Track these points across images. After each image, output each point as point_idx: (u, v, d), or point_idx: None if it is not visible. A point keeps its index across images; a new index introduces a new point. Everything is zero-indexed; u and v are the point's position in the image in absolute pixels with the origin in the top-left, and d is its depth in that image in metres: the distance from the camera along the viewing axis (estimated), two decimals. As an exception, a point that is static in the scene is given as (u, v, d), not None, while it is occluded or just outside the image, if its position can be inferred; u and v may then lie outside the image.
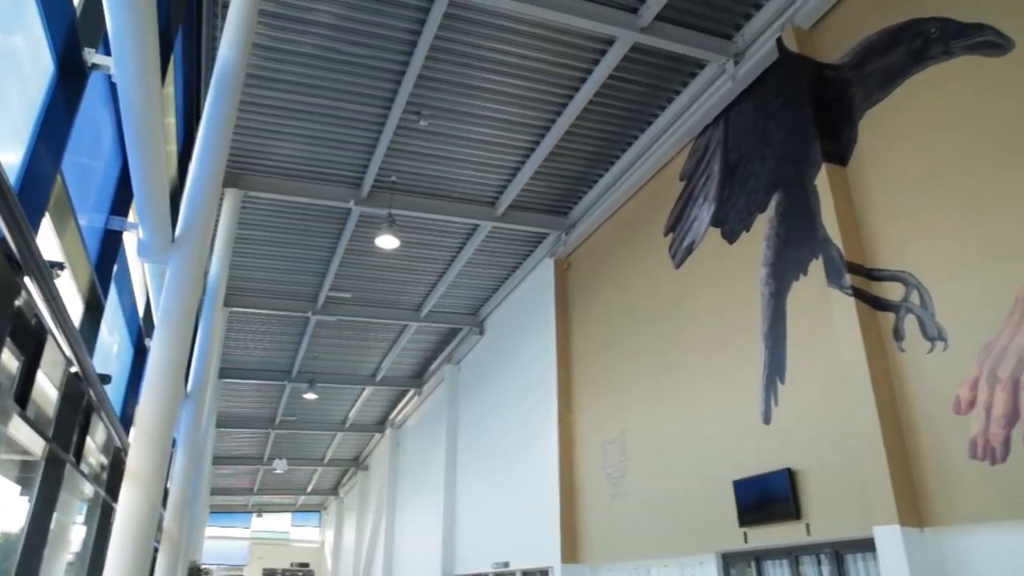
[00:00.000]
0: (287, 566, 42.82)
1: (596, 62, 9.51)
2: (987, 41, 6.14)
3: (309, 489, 39.21)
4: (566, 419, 12.83)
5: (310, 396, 21.75)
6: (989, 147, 6.04)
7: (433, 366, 21.72)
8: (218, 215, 11.70)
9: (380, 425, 27.91)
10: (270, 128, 10.64)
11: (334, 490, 39.70)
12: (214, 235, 11.62)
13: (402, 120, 10.47)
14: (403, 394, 24.48)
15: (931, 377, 6.22)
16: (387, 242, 11.96)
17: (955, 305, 6.11)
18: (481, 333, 18.19)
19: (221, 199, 11.62)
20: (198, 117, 9.22)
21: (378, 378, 22.20)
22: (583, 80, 9.84)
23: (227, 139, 5.82)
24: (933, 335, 6.25)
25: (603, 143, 11.36)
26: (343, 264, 14.87)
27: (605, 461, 11.41)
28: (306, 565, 43.29)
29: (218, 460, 29.53)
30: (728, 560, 8.78)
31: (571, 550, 11.84)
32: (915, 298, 6.46)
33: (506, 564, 14.57)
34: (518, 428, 15.03)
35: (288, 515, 45.50)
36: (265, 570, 41.81)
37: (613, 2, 8.49)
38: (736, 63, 9.13)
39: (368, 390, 23.44)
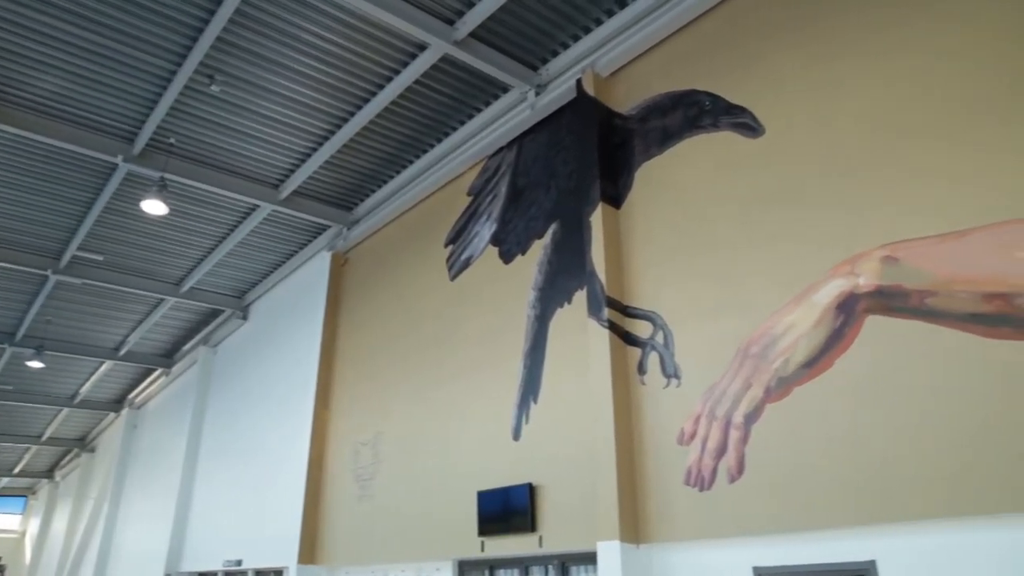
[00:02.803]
0: (-32, 559, 36.76)
1: (405, 64, 9.51)
2: (745, 123, 7.00)
3: (17, 470, 34.43)
4: (322, 416, 12.55)
5: (35, 364, 19.26)
6: (732, 216, 6.85)
7: (187, 346, 20.24)
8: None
9: (117, 404, 25.42)
10: (33, 56, 9.37)
11: (49, 473, 35.31)
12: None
13: (192, 81, 9.74)
14: (148, 372, 22.53)
15: (664, 410, 6.89)
16: (154, 207, 11.03)
17: (691, 349, 6.83)
18: (244, 318, 17.29)
19: (-46, 126, 10.09)
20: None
21: (122, 352, 20.24)
22: (389, 79, 9.79)
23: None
24: (671, 373, 6.94)
25: (398, 145, 11.36)
26: (99, 223, 13.44)
27: (356, 462, 11.31)
28: (-3, 559, 37.60)
29: (-97, 427, 25.29)
30: (464, 567, 9.05)
31: (310, 550, 11.56)
32: (660, 338, 7.14)
33: (239, 562, 13.88)
34: (270, 420, 14.43)
35: (-17, 499, 39.47)
36: (-68, 566, 35.46)
37: (432, 10, 8.55)
38: (537, 94, 9.57)
39: (108, 364, 21.28)
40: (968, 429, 4.84)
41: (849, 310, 5.67)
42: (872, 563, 5.15)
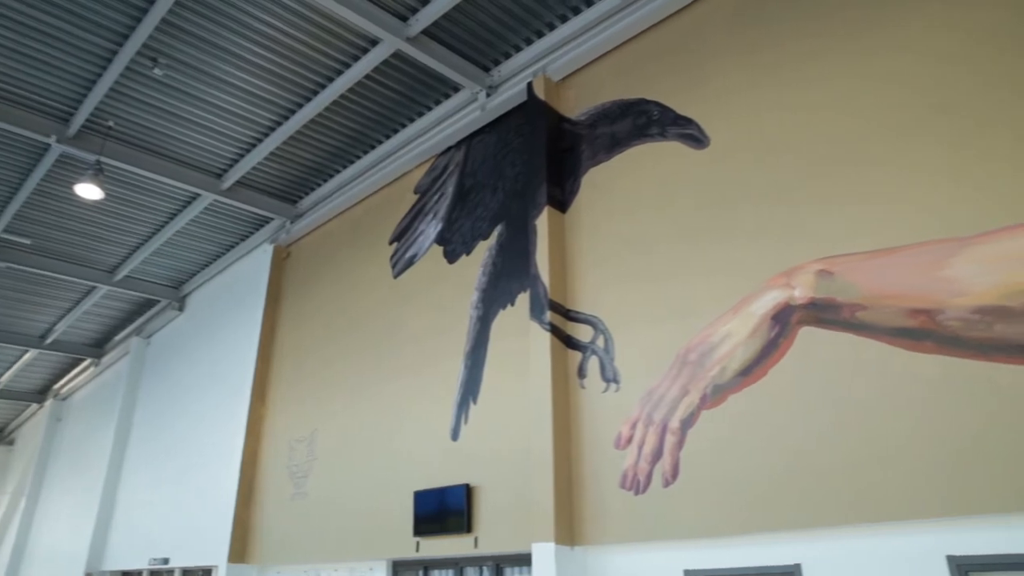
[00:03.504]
0: None
1: (356, 58, 9.41)
2: (692, 134, 7.13)
3: (-70, 460, 32.95)
4: (258, 412, 12.30)
5: (-47, 350, 18.47)
6: (675, 224, 6.97)
7: (119, 336, 19.59)
8: None
9: (40, 395, 24.42)
10: (-40, 29, 8.99)
11: (-36, 464, 33.83)
12: None
13: (134, 63, 9.44)
14: (76, 363, 21.72)
15: (602, 414, 6.96)
16: (89, 191, 10.64)
17: (631, 354, 6.92)
18: (181, 309, 16.83)
19: None
20: None
21: (48, 341, 19.46)
22: (339, 72, 9.67)
23: None
24: (610, 377, 7.02)
25: (346, 140, 11.23)
26: (28, 205, 12.90)
27: (291, 459, 11.12)
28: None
29: None
30: (398, 567, 8.98)
31: (241, 549, 11.30)
32: (600, 342, 7.22)
33: (165, 561, 13.49)
34: (204, 415, 14.08)
35: None
36: None
37: (386, 5, 8.48)
38: (488, 95, 9.58)
39: (32, 353, 20.41)
40: (891, 439, 5.03)
41: (784, 321, 5.83)
42: (797, 566, 5.30)
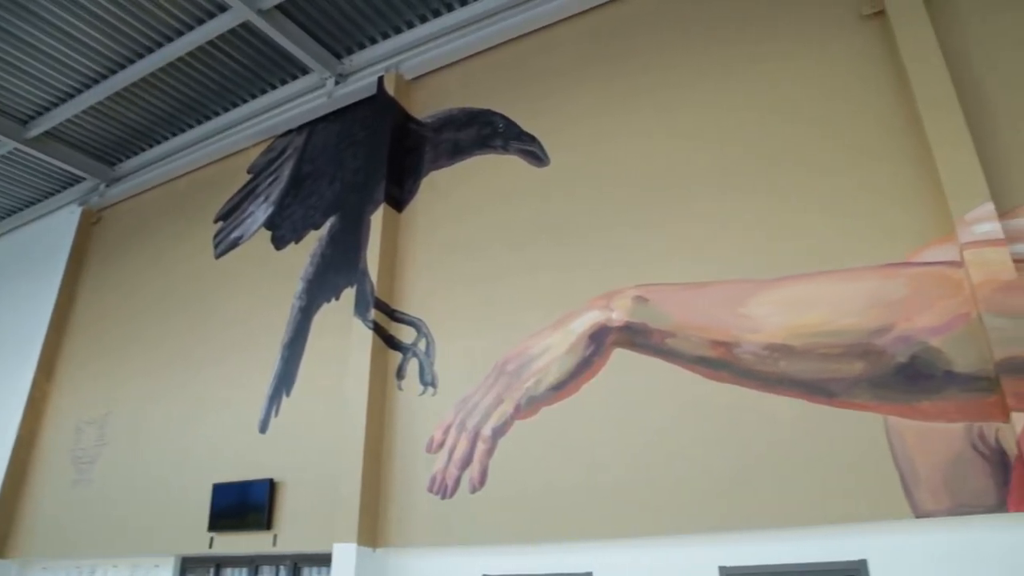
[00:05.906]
0: None
1: (201, 22, 8.85)
2: (533, 152, 7.35)
3: None
4: (42, 388, 11.15)
5: None
6: (508, 237, 7.15)
7: None
8: None
9: None
10: None
11: None
12: None
13: (-71, -19, 8.35)
14: None
15: (417, 417, 6.97)
16: None
17: (451, 359, 6.99)
18: (-39, 267, 14.98)
19: None
20: None
21: None
22: (180, 33, 9.05)
23: None
24: (428, 381, 7.04)
25: (179, 106, 10.52)
26: None
27: (77, 443, 10.18)
28: None
29: None
30: (187, 564, 8.47)
31: None
32: (422, 345, 7.23)
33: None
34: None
35: None
36: None
37: (237, -29, 8.08)
38: (337, 83, 9.35)
39: None
40: (681, 459, 5.43)
41: (600, 341, 6.12)
42: (589, 574, 5.58)
